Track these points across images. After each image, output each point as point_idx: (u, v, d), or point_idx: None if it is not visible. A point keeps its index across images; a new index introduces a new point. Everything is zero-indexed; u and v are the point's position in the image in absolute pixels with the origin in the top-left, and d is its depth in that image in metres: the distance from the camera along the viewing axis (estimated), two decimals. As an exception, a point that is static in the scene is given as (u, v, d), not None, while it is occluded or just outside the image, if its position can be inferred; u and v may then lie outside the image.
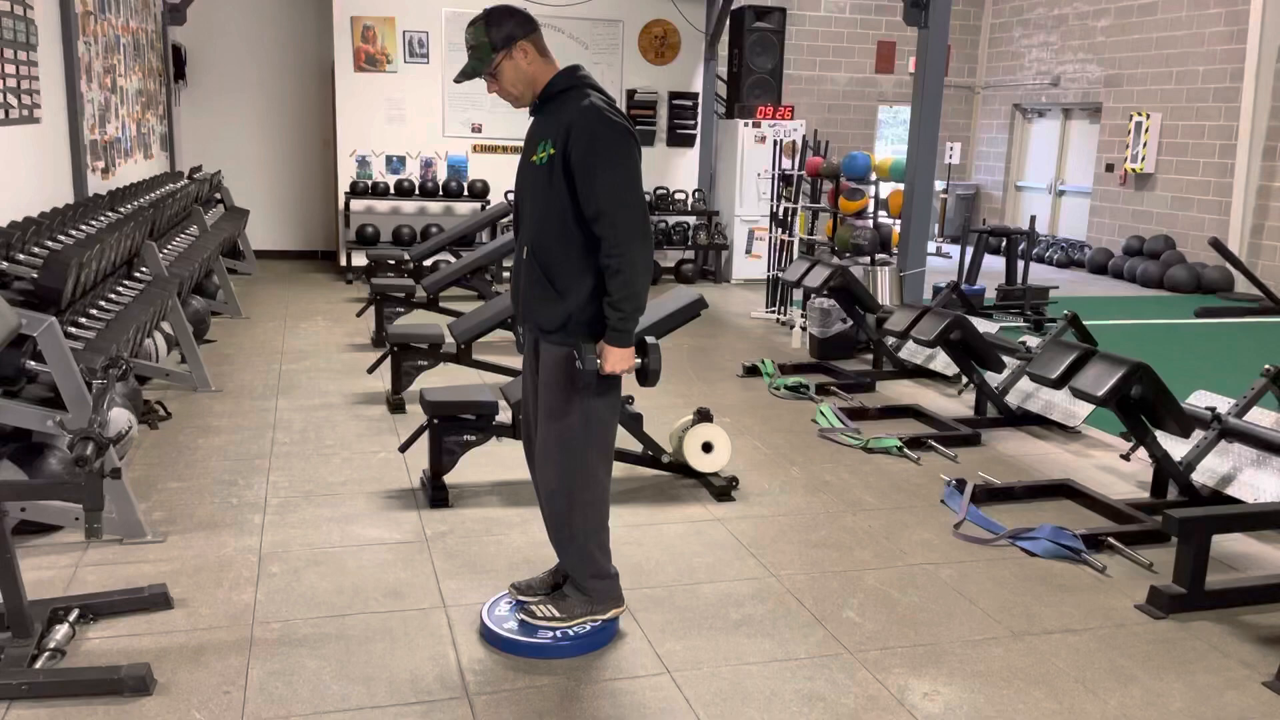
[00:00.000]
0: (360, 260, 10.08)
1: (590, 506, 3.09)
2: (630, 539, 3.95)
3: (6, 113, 5.25)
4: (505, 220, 9.76)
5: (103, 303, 4.95)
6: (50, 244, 4.73)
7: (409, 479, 4.59)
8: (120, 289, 5.35)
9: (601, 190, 2.82)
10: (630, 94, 10.86)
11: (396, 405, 5.67)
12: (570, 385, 2.96)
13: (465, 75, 3.01)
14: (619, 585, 3.23)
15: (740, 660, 3.10)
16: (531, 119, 3.08)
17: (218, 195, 10.17)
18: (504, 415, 4.44)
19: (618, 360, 2.90)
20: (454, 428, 4.31)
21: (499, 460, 4.82)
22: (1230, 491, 4.34)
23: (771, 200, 8.95)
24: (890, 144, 15.34)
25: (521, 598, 3.26)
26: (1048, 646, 3.25)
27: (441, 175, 10.54)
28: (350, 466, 4.74)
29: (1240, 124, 11.28)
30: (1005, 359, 5.81)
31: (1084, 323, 6.25)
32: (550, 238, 2.93)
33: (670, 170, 11.18)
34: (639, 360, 2.97)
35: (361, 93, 10.23)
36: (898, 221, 8.05)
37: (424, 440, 4.39)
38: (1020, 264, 9.44)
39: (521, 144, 3.10)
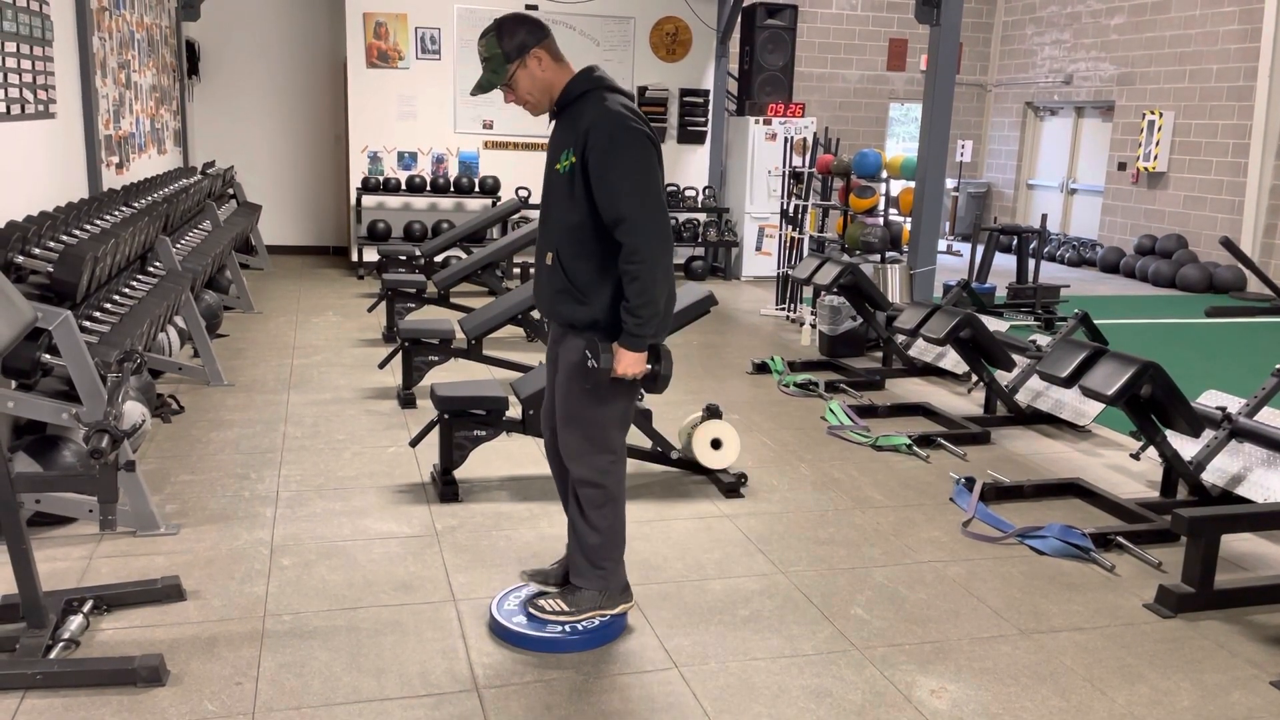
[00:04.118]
0: (372, 256, 10.12)
1: (616, 501, 3.13)
2: (639, 534, 3.97)
3: (23, 108, 5.28)
4: (516, 216, 9.79)
5: (117, 297, 4.98)
6: (65, 238, 4.76)
7: (419, 473, 4.61)
8: (134, 283, 5.38)
9: (620, 197, 2.81)
10: (641, 91, 10.86)
11: (407, 400, 5.69)
12: (585, 383, 2.98)
13: (481, 88, 3.01)
14: (627, 580, 3.25)
15: (748, 656, 3.11)
16: (552, 125, 3.07)
17: (230, 190, 10.22)
18: (514, 411, 4.46)
19: (630, 363, 2.91)
20: (464, 423, 4.33)
21: (509, 455, 4.84)
22: (1240, 491, 4.33)
23: (782, 197, 8.95)
24: (901, 141, 15.31)
25: (534, 585, 3.28)
26: (1055, 644, 3.25)
27: (453, 171, 10.57)
28: (361, 461, 4.76)
29: (1254, 123, 11.23)
30: (1015, 357, 5.81)
31: (1095, 321, 6.25)
32: (574, 245, 2.94)
33: (681, 167, 11.19)
34: (650, 365, 2.97)
35: (373, 89, 10.26)
36: (908, 219, 8.04)
37: (434, 435, 4.42)
38: (1031, 262, 9.42)
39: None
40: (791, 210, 8.80)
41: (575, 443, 3.08)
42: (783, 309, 8.88)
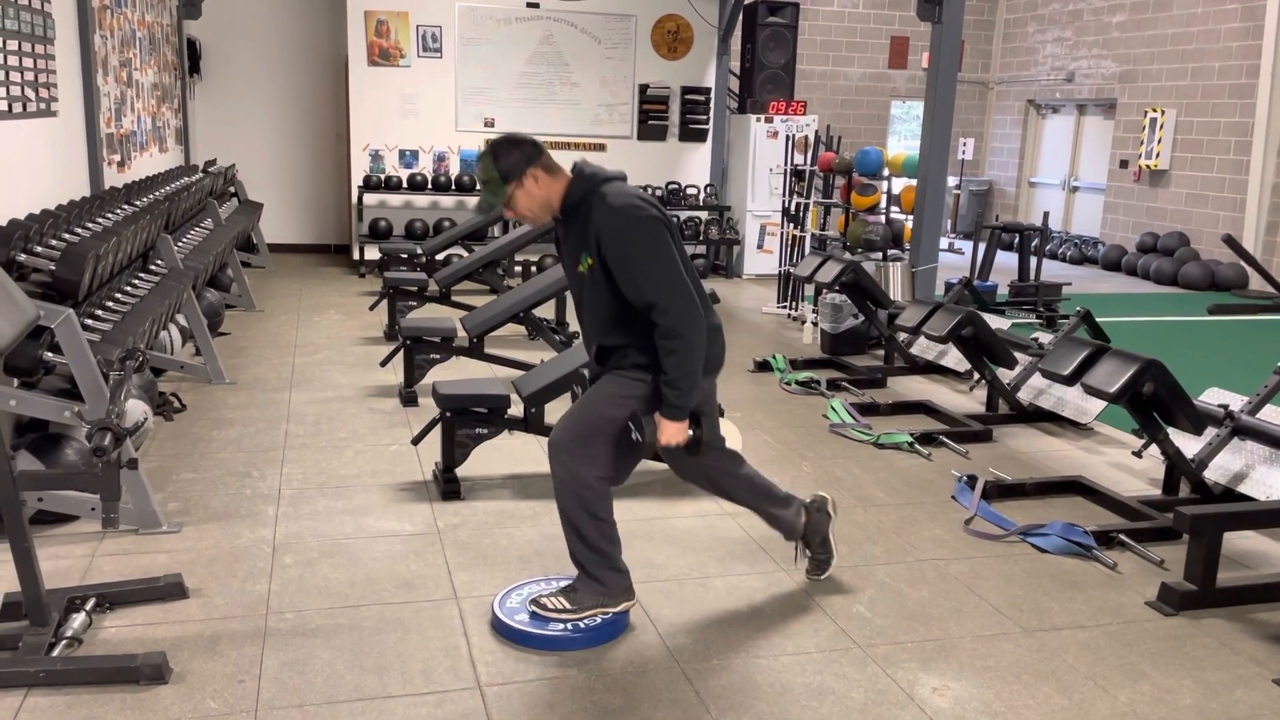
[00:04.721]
0: (373, 254, 10.12)
1: (594, 519, 3.14)
2: (641, 532, 3.97)
3: (25, 106, 5.29)
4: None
5: (119, 295, 4.99)
6: (68, 236, 4.76)
7: (421, 471, 4.61)
8: (136, 281, 5.38)
9: (645, 285, 2.93)
10: (643, 89, 10.86)
11: (409, 398, 5.69)
12: (618, 427, 3.09)
13: (482, 209, 3.14)
14: (630, 578, 3.25)
15: (751, 653, 3.12)
16: (558, 225, 3.16)
17: (232, 189, 10.22)
18: (516, 409, 4.46)
19: (673, 433, 3.04)
20: (466, 421, 4.33)
21: (511, 453, 4.84)
22: (1242, 489, 4.33)
23: (783, 195, 8.95)
24: (903, 139, 15.30)
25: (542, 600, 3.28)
26: (1058, 642, 3.25)
27: (454, 169, 10.57)
28: (363, 459, 4.76)
29: (1256, 121, 11.22)
30: (1017, 355, 5.81)
31: (1096, 319, 6.25)
32: (614, 332, 3.09)
33: (682, 165, 11.19)
34: (692, 431, 3.09)
35: (375, 87, 10.26)
36: (910, 217, 8.03)
37: (436, 433, 4.42)
38: (1033, 260, 9.41)
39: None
40: (793, 208, 8.80)
41: (572, 444, 3.10)
42: (784, 307, 8.88)
